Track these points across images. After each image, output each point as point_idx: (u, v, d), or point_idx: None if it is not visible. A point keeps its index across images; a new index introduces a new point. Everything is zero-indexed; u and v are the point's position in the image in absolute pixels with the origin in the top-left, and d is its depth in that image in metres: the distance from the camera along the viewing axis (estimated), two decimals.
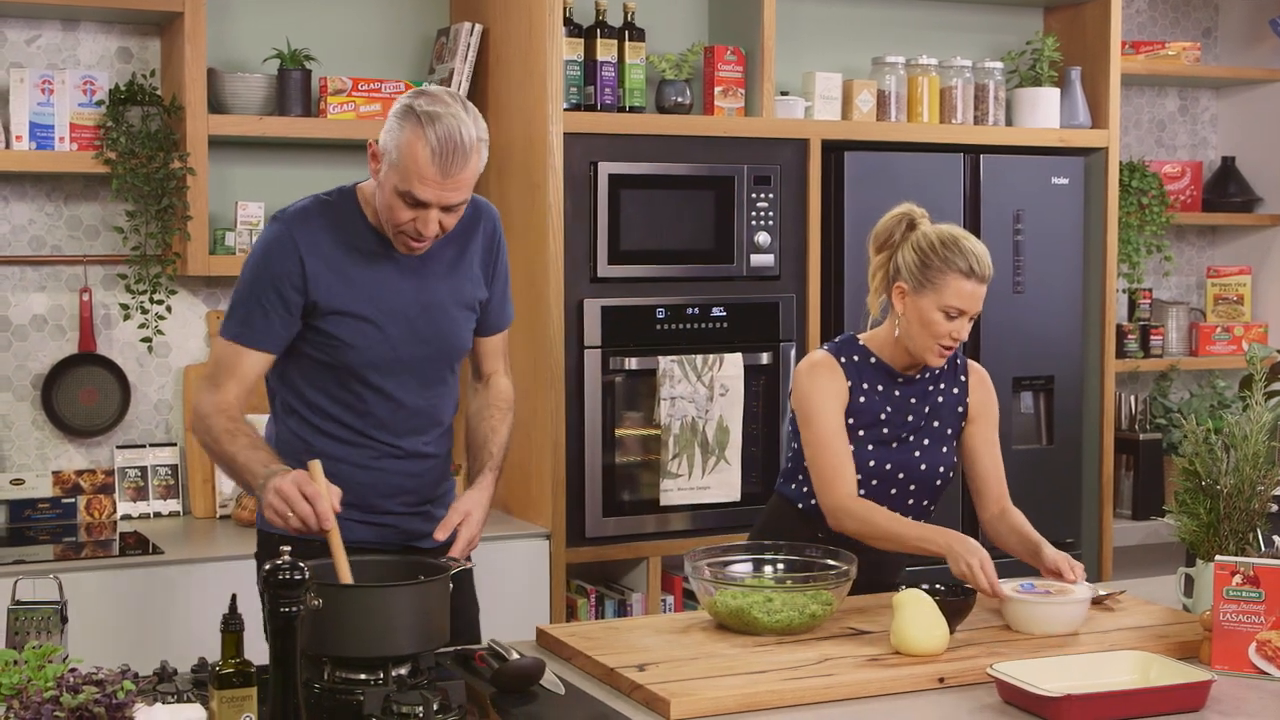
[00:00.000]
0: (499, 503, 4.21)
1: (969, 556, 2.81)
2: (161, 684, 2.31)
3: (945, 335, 2.95)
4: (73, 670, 1.95)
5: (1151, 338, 5.28)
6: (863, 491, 2.99)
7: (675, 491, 4.19)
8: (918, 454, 3.04)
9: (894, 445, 3.03)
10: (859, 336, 3.09)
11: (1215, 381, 5.29)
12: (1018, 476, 4.63)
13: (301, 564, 2.02)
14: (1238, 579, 2.56)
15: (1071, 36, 5.00)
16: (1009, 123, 4.86)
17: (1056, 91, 4.82)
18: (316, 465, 2.54)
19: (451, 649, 2.58)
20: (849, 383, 3.00)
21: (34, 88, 3.94)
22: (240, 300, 2.71)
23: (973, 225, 4.58)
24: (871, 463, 3.00)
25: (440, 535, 2.72)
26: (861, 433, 3.01)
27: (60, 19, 4.12)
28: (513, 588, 3.96)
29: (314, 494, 2.48)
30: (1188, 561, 2.96)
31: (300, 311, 2.69)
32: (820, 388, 2.99)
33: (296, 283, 2.67)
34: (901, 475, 3.03)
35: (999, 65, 4.81)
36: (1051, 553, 2.94)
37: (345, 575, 2.43)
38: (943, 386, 3.09)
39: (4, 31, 4.09)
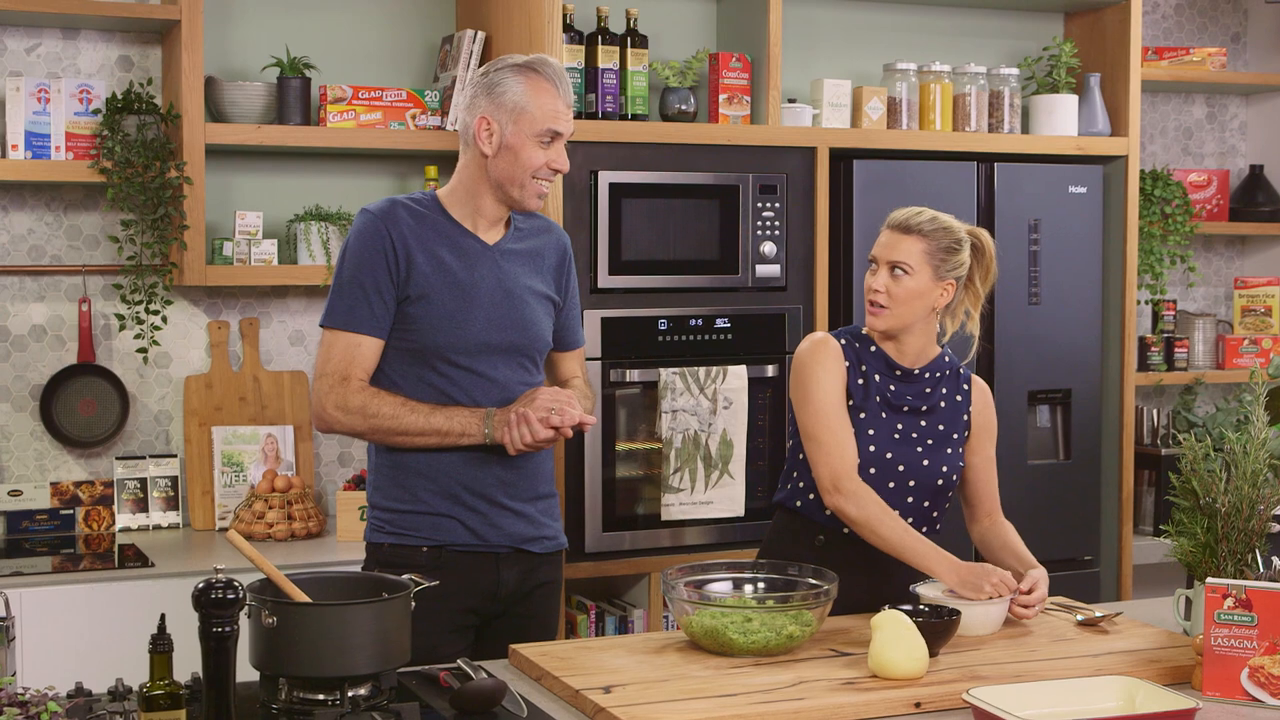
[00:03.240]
0: None
1: (986, 588, 2.79)
2: (112, 702, 2.26)
3: (870, 288, 2.98)
4: (1, 690, 1.90)
5: (1176, 350, 5.14)
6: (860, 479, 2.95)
7: (677, 506, 4.11)
8: (920, 450, 3.00)
9: (895, 437, 2.98)
10: (864, 329, 3.07)
11: (1242, 395, 5.15)
12: (1034, 491, 4.59)
13: (235, 582, 1.96)
14: (1229, 602, 2.46)
15: (1091, 42, 4.89)
16: (1025, 130, 4.75)
17: (1074, 98, 4.71)
18: (235, 535, 2.43)
19: (416, 668, 2.52)
20: (846, 363, 2.99)
21: (30, 96, 3.92)
22: (341, 290, 2.86)
23: None
24: (871, 448, 2.96)
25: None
26: (862, 415, 2.97)
27: (60, 28, 4.10)
28: None
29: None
30: (1187, 583, 2.86)
31: (394, 296, 2.85)
32: (819, 365, 2.98)
33: (390, 264, 2.84)
34: (902, 468, 2.98)
35: (1014, 72, 4.70)
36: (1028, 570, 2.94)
37: (295, 593, 2.37)
38: (944, 391, 3.06)
39: (4, 40, 4.07)
